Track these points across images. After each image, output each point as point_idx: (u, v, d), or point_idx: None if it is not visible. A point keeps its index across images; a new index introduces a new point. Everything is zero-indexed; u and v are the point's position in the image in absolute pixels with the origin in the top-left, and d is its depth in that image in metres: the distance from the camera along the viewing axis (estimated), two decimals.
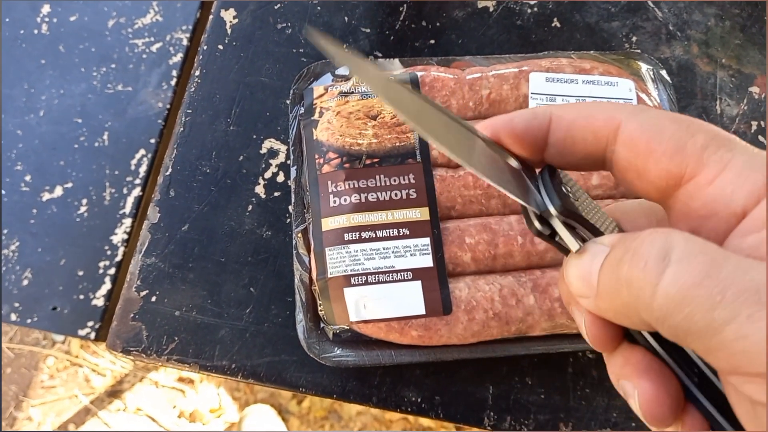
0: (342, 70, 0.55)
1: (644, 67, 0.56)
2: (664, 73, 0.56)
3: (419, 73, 0.53)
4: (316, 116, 0.52)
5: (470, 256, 0.49)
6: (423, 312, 0.47)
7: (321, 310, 0.49)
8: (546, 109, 0.26)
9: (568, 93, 0.54)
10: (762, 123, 0.59)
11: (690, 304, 0.17)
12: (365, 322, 0.47)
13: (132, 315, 0.52)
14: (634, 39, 0.61)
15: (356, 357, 0.48)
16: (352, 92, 0.53)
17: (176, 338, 0.51)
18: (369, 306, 0.47)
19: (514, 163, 0.27)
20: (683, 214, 0.23)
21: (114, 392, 1.36)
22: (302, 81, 0.55)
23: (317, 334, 0.49)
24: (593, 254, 0.23)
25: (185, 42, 0.74)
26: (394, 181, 0.50)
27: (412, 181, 0.50)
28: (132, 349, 0.51)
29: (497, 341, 0.49)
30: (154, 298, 0.52)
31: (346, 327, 0.48)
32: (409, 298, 0.48)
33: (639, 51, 0.59)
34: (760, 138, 0.58)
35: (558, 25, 0.62)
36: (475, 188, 0.50)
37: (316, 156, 0.51)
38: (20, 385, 1.35)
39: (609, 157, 0.25)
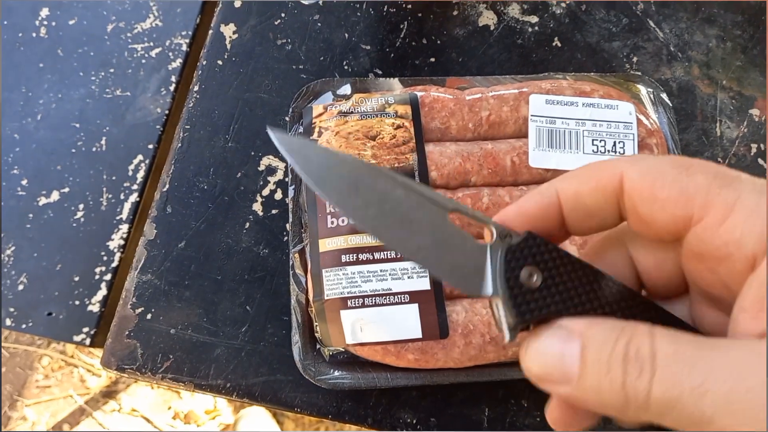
0: (342, 90, 0.55)
1: (644, 90, 0.56)
2: (664, 96, 0.56)
3: (419, 94, 0.53)
4: (315, 136, 0.52)
5: None
6: (420, 336, 0.47)
7: (317, 332, 0.49)
8: (550, 187, 0.26)
9: (569, 115, 0.54)
10: (762, 146, 0.59)
11: (679, 402, 0.18)
12: (361, 344, 0.47)
13: (127, 332, 0.52)
14: (634, 59, 0.61)
15: (352, 379, 0.48)
16: (352, 112, 0.53)
17: (171, 357, 0.51)
18: (366, 329, 0.47)
19: (481, 240, 0.27)
20: (698, 255, 0.23)
21: (109, 393, 1.36)
22: (302, 99, 0.54)
23: (313, 356, 0.49)
24: (561, 340, 0.22)
25: (185, 47, 0.74)
26: None
27: None
28: (126, 367, 0.51)
29: (494, 365, 0.49)
30: (149, 316, 0.52)
31: (342, 349, 0.48)
32: (406, 322, 0.48)
33: (639, 73, 0.59)
34: (760, 161, 0.58)
35: (559, 44, 0.61)
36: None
37: None
38: (15, 384, 1.35)
39: (622, 210, 0.25)
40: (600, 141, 0.53)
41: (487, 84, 0.56)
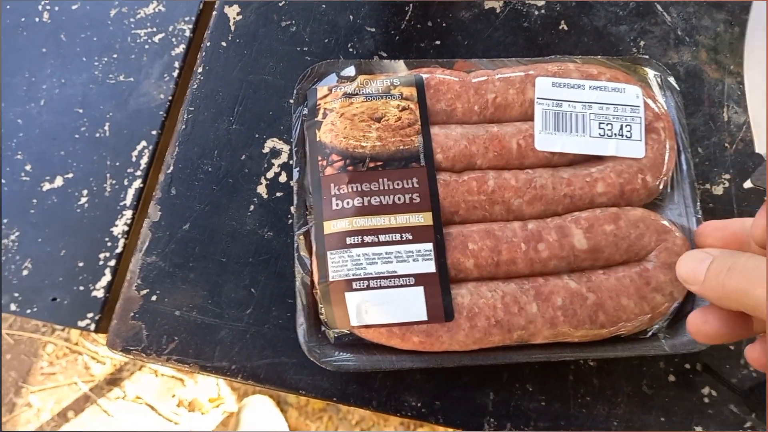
0: (347, 72, 0.55)
1: (651, 73, 0.56)
2: (671, 79, 0.55)
3: (425, 76, 0.53)
4: (319, 117, 0.52)
5: (473, 262, 0.49)
6: (425, 318, 0.47)
7: (322, 314, 0.48)
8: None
9: (575, 98, 0.53)
10: None
11: (736, 290, 0.33)
12: (366, 327, 0.47)
13: (132, 314, 0.52)
14: (642, 43, 0.61)
15: (357, 361, 0.48)
16: (357, 93, 0.52)
17: (176, 338, 0.51)
18: (370, 311, 0.47)
19: None
20: None
21: (113, 380, 1.37)
22: (306, 81, 0.54)
23: (318, 338, 0.48)
24: (701, 259, 0.37)
25: (188, 33, 0.73)
26: (398, 184, 0.50)
27: (416, 185, 0.50)
28: (132, 348, 0.51)
29: (498, 348, 0.49)
30: (154, 298, 0.52)
31: (347, 331, 0.48)
32: (411, 304, 0.48)
33: (647, 56, 0.58)
34: None
35: (565, 28, 0.61)
36: (479, 194, 0.50)
37: (319, 158, 0.50)
38: (19, 371, 1.36)
39: None
40: (607, 124, 0.53)
41: (493, 67, 0.55)
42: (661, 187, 0.52)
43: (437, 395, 0.51)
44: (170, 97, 0.71)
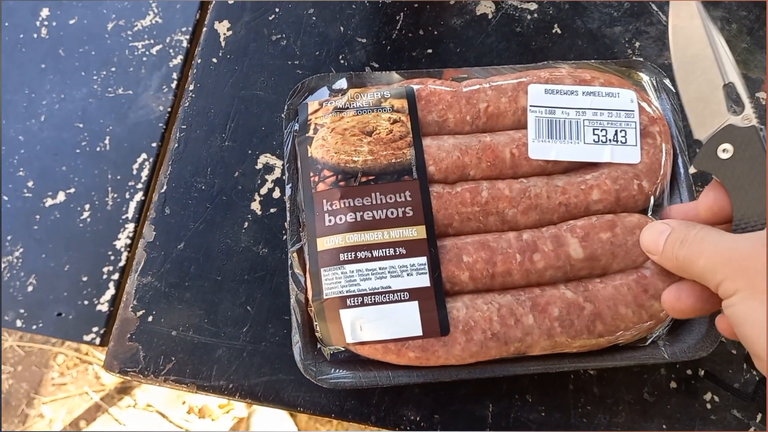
0: (338, 85, 0.54)
1: (646, 77, 0.55)
2: (667, 81, 0.54)
3: (416, 87, 0.52)
4: (310, 133, 0.52)
5: (468, 275, 0.48)
6: (420, 333, 0.47)
7: (317, 332, 0.48)
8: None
9: (568, 105, 0.53)
10: None
11: (687, 260, 0.39)
12: (362, 343, 0.47)
13: (129, 335, 0.52)
14: (637, 45, 0.60)
15: (353, 378, 0.47)
16: (347, 108, 0.52)
17: (173, 358, 0.51)
18: (365, 327, 0.47)
19: None
20: None
21: (124, 389, 1.37)
22: (297, 96, 0.54)
23: (314, 355, 0.48)
24: (661, 231, 0.42)
25: (185, 44, 0.73)
26: (390, 198, 0.49)
27: (409, 198, 0.49)
28: (129, 369, 0.51)
29: (496, 361, 0.48)
30: (150, 318, 0.52)
31: (343, 348, 0.48)
32: (406, 319, 0.47)
33: (641, 59, 0.57)
34: None
35: (559, 31, 0.60)
36: (473, 205, 0.50)
37: (311, 174, 0.50)
38: (31, 382, 1.37)
39: None
40: (601, 130, 0.52)
41: (485, 75, 0.55)
42: (657, 192, 0.51)
43: (436, 408, 0.50)
44: (169, 109, 0.71)
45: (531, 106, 0.52)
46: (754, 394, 0.49)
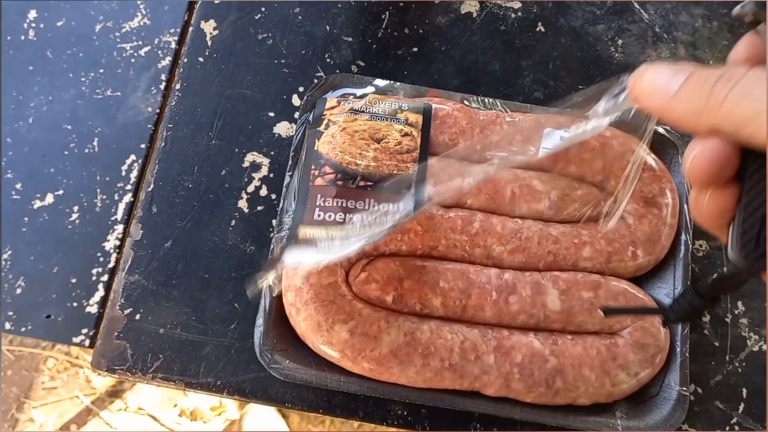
0: (363, 90, 0.55)
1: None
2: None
3: (435, 106, 0.53)
4: (322, 127, 0.52)
5: (440, 300, 0.48)
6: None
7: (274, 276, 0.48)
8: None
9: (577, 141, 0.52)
10: None
11: (738, 105, 0.26)
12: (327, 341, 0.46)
13: (116, 333, 0.52)
14: (619, 42, 0.61)
15: (305, 375, 0.47)
16: (363, 111, 0.52)
17: (161, 356, 0.51)
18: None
19: None
20: None
21: (115, 392, 1.37)
22: (318, 90, 0.54)
23: (272, 344, 0.48)
24: (674, 71, 0.30)
25: (173, 45, 0.73)
26: (383, 207, 0.49)
27: (401, 212, 0.49)
28: (117, 368, 0.51)
29: (448, 391, 0.48)
30: (138, 316, 0.52)
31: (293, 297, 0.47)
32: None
33: (665, 129, 0.55)
34: None
35: (542, 29, 0.61)
36: (462, 233, 0.50)
37: (313, 167, 0.50)
38: (21, 386, 1.36)
39: None
40: None
41: (509, 108, 0.55)
42: (651, 264, 0.51)
43: (423, 403, 0.51)
44: (158, 110, 0.71)
45: (543, 147, 0.52)
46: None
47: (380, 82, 0.55)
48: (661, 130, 0.54)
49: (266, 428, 1.28)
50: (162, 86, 0.72)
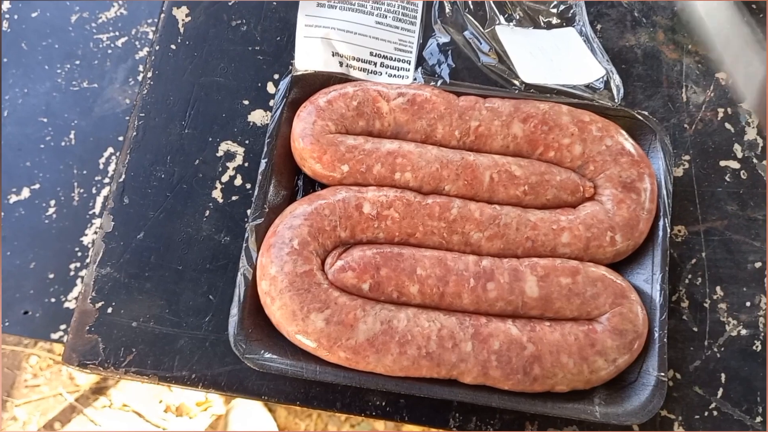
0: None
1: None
2: (667, 140, 0.53)
3: (413, 92, 0.52)
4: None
5: (418, 288, 0.48)
6: None
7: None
8: None
9: None
10: (729, 110, 0.58)
11: None
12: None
13: (88, 327, 0.51)
14: (598, 27, 0.60)
15: (281, 364, 0.46)
16: None
17: (134, 350, 0.50)
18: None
19: None
20: None
21: (99, 389, 1.36)
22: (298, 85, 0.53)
23: (247, 333, 0.47)
24: None
25: (151, 35, 0.72)
26: None
27: None
28: (88, 362, 0.50)
29: (425, 379, 0.47)
30: (110, 310, 0.51)
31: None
32: None
33: (646, 113, 0.54)
34: (727, 125, 0.57)
35: (521, 14, 0.60)
36: (440, 220, 0.49)
37: None
38: (3, 385, 1.35)
39: None
40: None
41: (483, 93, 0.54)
42: (630, 249, 0.51)
43: (401, 393, 0.50)
44: (136, 101, 0.70)
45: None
46: None
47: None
48: (639, 117, 0.53)
49: (252, 423, 1.27)
50: (140, 77, 0.71)
